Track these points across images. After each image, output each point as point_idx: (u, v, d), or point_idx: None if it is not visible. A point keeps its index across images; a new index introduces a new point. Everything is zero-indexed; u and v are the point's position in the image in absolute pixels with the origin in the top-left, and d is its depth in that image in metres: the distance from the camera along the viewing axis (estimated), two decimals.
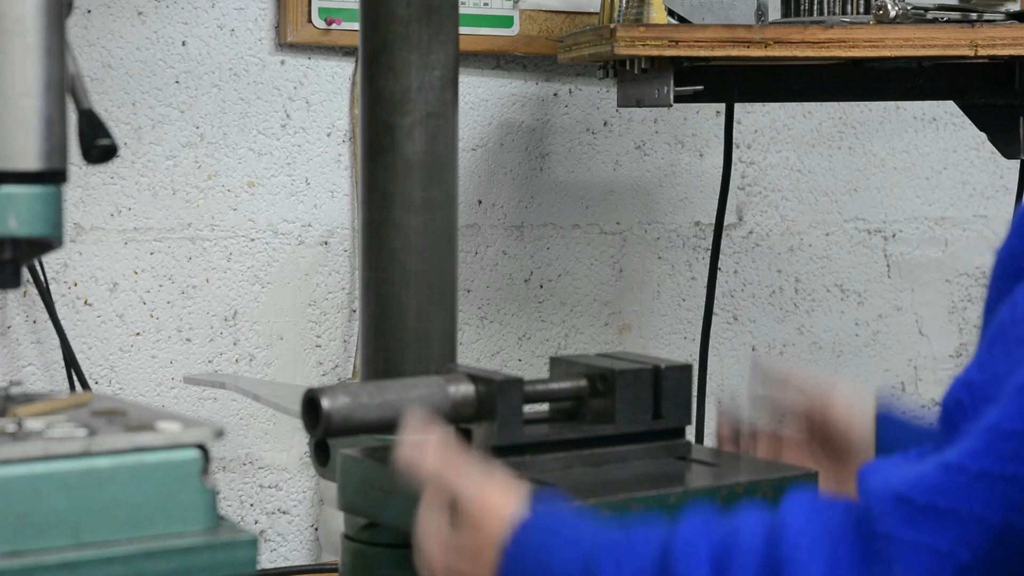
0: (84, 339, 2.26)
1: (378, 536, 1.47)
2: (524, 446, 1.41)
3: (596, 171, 2.58)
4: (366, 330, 1.52)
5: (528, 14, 2.45)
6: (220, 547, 1.19)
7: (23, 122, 1.22)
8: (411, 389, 1.35)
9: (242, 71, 2.33)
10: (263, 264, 2.36)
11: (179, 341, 2.32)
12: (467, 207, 2.48)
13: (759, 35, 2.05)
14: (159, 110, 2.29)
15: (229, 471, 2.36)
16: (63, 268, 2.24)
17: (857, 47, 2.07)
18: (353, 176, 2.40)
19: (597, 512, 1.24)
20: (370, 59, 1.49)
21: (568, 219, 2.56)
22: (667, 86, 2.07)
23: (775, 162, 2.70)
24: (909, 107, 2.76)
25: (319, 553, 2.40)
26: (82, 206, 2.25)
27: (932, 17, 2.12)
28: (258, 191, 2.36)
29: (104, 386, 2.27)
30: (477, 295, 2.50)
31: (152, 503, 1.18)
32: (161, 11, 2.28)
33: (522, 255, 2.54)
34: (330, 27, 2.33)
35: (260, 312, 2.36)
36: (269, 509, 2.39)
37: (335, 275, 2.41)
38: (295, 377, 2.39)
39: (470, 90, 2.46)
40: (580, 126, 2.56)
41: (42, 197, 1.24)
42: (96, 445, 1.17)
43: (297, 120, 2.37)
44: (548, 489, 1.26)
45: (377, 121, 1.49)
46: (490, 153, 2.50)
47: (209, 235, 2.33)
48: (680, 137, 2.64)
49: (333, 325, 2.41)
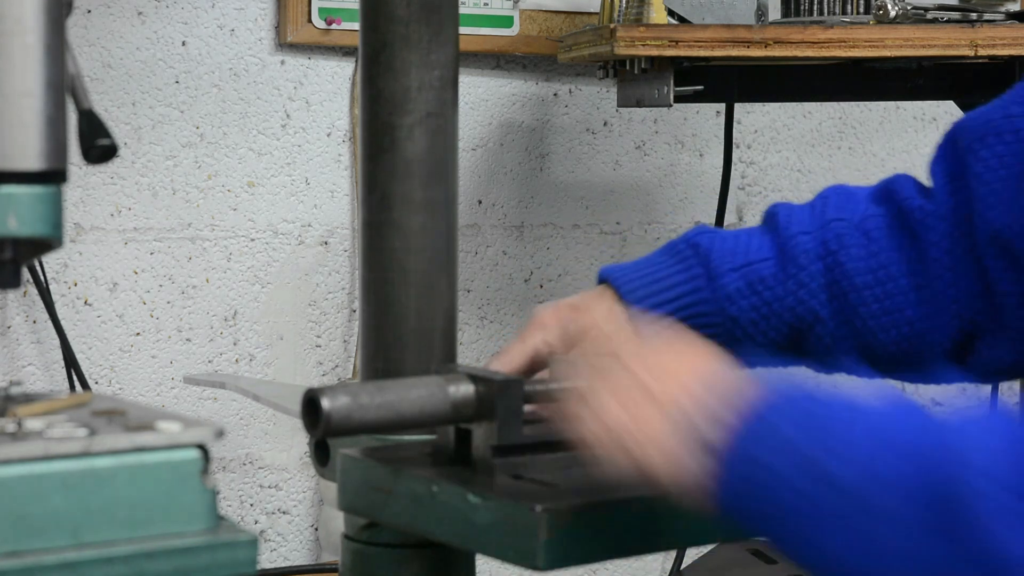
0: (84, 339, 2.26)
1: (378, 536, 1.47)
2: (524, 446, 1.41)
3: (596, 171, 2.58)
4: (366, 330, 1.52)
5: (528, 14, 2.45)
6: (220, 547, 1.19)
7: (23, 122, 1.22)
8: (411, 389, 1.35)
9: (242, 71, 2.33)
10: (263, 264, 2.36)
11: (179, 341, 2.32)
12: (467, 207, 2.48)
13: (759, 35, 2.05)
14: (159, 110, 2.29)
15: (229, 471, 2.36)
16: (63, 268, 2.24)
17: (857, 47, 2.07)
18: (353, 176, 2.40)
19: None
20: (370, 59, 1.49)
21: (568, 219, 2.56)
22: (667, 86, 2.07)
23: (775, 162, 2.70)
24: (909, 107, 2.76)
25: (319, 553, 2.40)
26: (82, 206, 2.25)
27: (932, 17, 2.12)
28: (258, 191, 2.36)
29: (104, 386, 2.27)
30: (477, 295, 2.50)
31: (152, 503, 1.18)
32: (161, 11, 2.28)
33: (522, 255, 2.54)
34: (330, 27, 2.33)
35: (260, 312, 2.36)
36: (269, 509, 2.39)
37: (335, 275, 2.41)
38: (295, 377, 2.39)
39: (470, 90, 2.46)
40: (580, 126, 2.56)
41: (42, 197, 1.24)
42: (96, 445, 1.17)
43: (297, 120, 2.37)
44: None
45: (377, 121, 1.48)
46: (490, 153, 2.50)
47: (209, 235, 2.33)
48: (680, 137, 2.64)
49: (333, 325, 2.41)
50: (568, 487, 1.30)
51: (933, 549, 1.03)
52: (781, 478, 1.09)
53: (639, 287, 1.52)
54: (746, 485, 1.11)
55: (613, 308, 1.51)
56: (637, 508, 1.26)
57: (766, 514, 1.11)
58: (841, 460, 1.07)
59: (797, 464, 1.09)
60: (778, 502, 1.09)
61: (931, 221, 1.49)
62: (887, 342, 1.51)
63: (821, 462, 1.08)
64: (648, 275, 1.53)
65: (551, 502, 1.22)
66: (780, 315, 1.52)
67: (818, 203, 1.56)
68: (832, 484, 1.07)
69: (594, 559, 1.26)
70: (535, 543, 1.21)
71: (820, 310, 1.51)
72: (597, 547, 1.25)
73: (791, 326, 1.52)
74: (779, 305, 1.51)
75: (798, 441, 1.09)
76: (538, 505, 1.21)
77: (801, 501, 1.08)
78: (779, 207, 1.57)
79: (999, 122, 1.47)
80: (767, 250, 1.53)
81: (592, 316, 1.50)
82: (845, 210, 1.54)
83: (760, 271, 1.52)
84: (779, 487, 1.09)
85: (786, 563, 2.07)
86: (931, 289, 1.49)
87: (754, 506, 1.11)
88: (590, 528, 1.24)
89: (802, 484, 1.08)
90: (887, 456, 1.06)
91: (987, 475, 1.01)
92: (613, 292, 1.52)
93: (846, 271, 1.51)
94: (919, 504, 1.04)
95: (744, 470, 1.11)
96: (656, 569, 2.64)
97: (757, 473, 1.10)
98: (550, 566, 1.21)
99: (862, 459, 1.07)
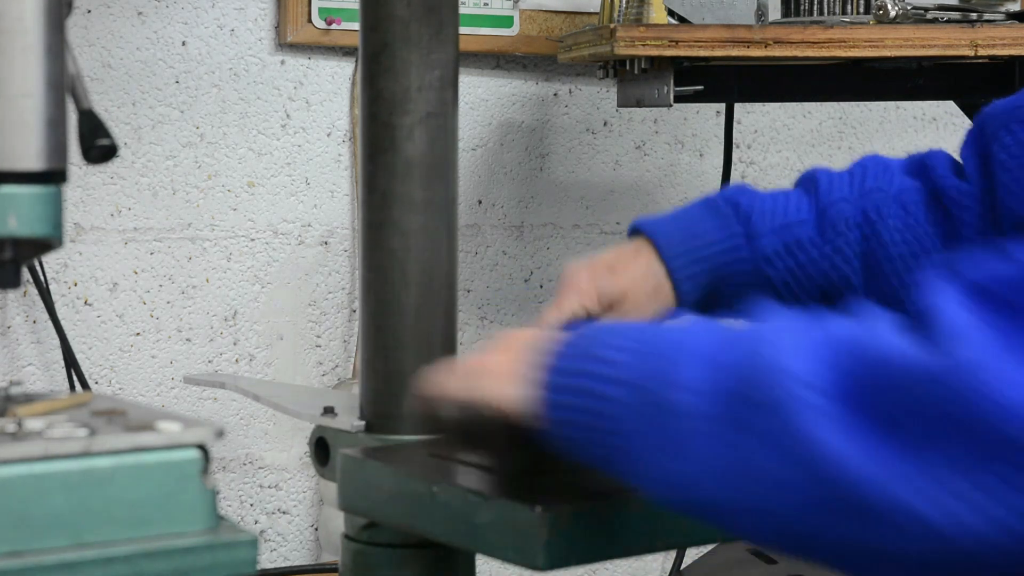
0: (84, 339, 2.26)
1: (378, 536, 1.47)
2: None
3: (596, 171, 2.58)
4: (366, 330, 1.52)
5: (528, 14, 2.45)
6: (220, 547, 1.19)
7: (23, 122, 1.22)
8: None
9: (242, 71, 2.33)
10: (263, 264, 2.36)
11: (179, 341, 2.32)
12: (467, 207, 2.48)
13: (759, 35, 2.05)
14: (159, 110, 2.29)
15: (229, 471, 2.36)
16: (63, 268, 2.24)
17: (857, 47, 2.07)
18: (353, 176, 2.40)
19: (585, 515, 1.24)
20: (370, 59, 1.49)
21: (568, 219, 2.56)
22: (667, 86, 2.07)
23: (775, 162, 2.70)
24: (909, 107, 2.76)
25: (319, 553, 2.40)
26: (82, 206, 2.25)
27: (932, 17, 2.12)
28: (258, 191, 2.36)
29: (104, 386, 2.27)
30: (477, 295, 2.50)
31: (152, 503, 1.18)
32: (161, 11, 2.28)
33: (522, 255, 2.54)
34: (330, 27, 2.33)
35: (260, 312, 2.36)
36: (269, 509, 2.39)
37: (335, 275, 2.41)
38: (295, 377, 2.39)
39: (470, 90, 2.46)
40: (580, 126, 2.56)
41: (42, 197, 1.24)
42: (96, 445, 1.17)
43: (297, 120, 2.37)
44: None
45: (377, 121, 1.48)
46: (490, 153, 2.50)
47: (209, 235, 2.33)
48: (680, 137, 2.64)
49: (333, 325, 2.41)
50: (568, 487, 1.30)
51: (741, 447, 1.03)
52: (592, 393, 1.12)
53: (678, 243, 1.51)
54: (564, 406, 1.14)
55: (651, 266, 1.50)
56: (637, 508, 1.26)
57: (587, 427, 1.13)
58: (648, 371, 1.10)
59: (609, 377, 1.11)
60: (593, 414, 1.12)
61: (967, 202, 1.50)
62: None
63: (623, 368, 1.11)
64: (687, 230, 1.52)
65: (551, 502, 1.22)
66: (813, 278, 1.52)
67: (857, 171, 1.56)
68: (637, 389, 1.09)
69: (594, 559, 1.26)
70: (535, 543, 1.21)
71: (853, 277, 1.52)
72: (597, 547, 1.25)
73: (822, 290, 1.53)
74: (814, 268, 1.52)
75: (608, 355, 1.12)
76: (538, 505, 1.21)
77: (609, 406, 1.11)
78: (819, 171, 1.57)
79: (1022, 109, 1.47)
80: (805, 212, 1.53)
81: (630, 276, 1.49)
82: (883, 180, 1.55)
83: (798, 234, 1.52)
84: (591, 401, 1.12)
85: (786, 563, 2.07)
86: None
87: (576, 424, 1.14)
88: (590, 528, 1.23)
89: (611, 391, 1.10)
90: (692, 363, 1.07)
91: (792, 375, 1.01)
92: (651, 247, 1.51)
93: (883, 241, 1.51)
94: (723, 403, 1.04)
95: (562, 388, 1.14)
96: (656, 569, 2.64)
97: (573, 390, 1.13)
98: (550, 566, 1.21)
99: (668, 368, 1.08)
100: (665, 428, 1.07)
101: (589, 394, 1.12)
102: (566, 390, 1.14)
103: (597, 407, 1.11)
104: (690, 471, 1.06)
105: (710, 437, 1.04)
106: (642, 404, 1.09)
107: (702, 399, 1.05)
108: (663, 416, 1.07)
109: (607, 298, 1.47)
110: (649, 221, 1.54)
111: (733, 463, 1.03)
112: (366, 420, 1.50)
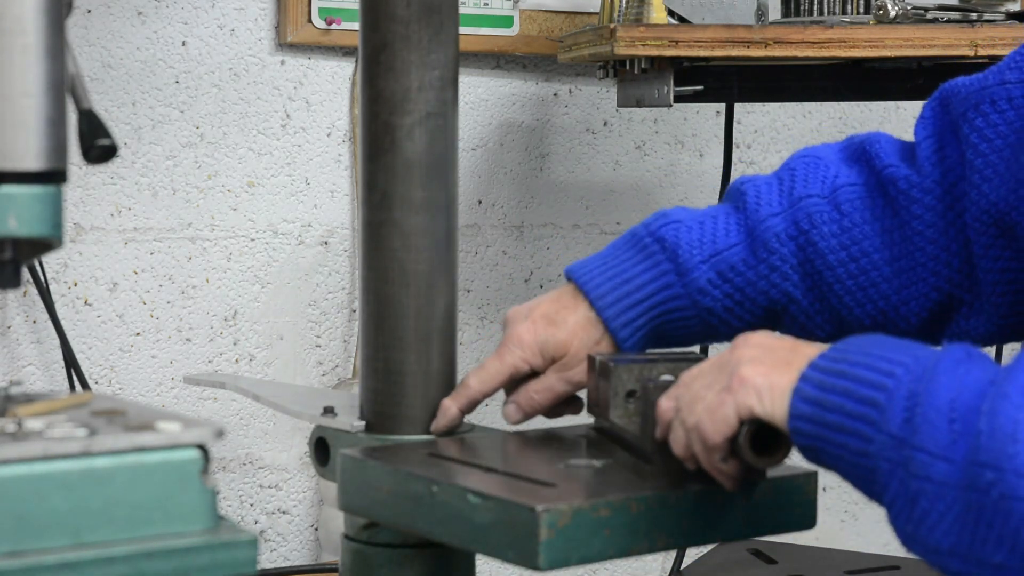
0: (84, 339, 2.26)
1: (378, 536, 1.47)
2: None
3: (596, 171, 2.58)
4: (366, 330, 1.52)
5: (528, 14, 2.45)
6: (220, 547, 1.19)
7: (23, 122, 1.22)
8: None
9: (242, 71, 2.33)
10: (263, 264, 2.36)
11: (179, 341, 2.32)
12: (467, 207, 2.48)
13: (759, 35, 2.05)
14: (159, 110, 2.29)
15: (229, 471, 2.36)
16: (63, 268, 2.24)
17: (857, 47, 2.07)
18: (353, 176, 2.40)
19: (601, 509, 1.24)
20: (370, 59, 1.49)
21: (568, 219, 2.56)
22: (667, 86, 2.07)
23: (775, 162, 2.70)
24: (909, 107, 2.76)
25: (319, 553, 2.40)
26: (82, 206, 2.25)
27: (932, 17, 2.12)
28: (258, 191, 2.36)
29: (104, 386, 2.27)
30: (477, 295, 2.50)
31: (152, 503, 1.18)
32: (161, 11, 2.28)
33: (522, 255, 2.54)
34: (330, 27, 2.33)
35: (260, 312, 2.36)
36: (269, 509, 2.39)
37: (335, 275, 2.41)
38: (295, 377, 2.39)
39: (470, 90, 2.46)
40: (580, 126, 2.56)
41: (42, 197, 1.24)
42: (96, 445, 1.17)
43: (297, 120, 2.37)
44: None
45: (377, 121, 1.48)
46: (490, 153, 2.50)
47: (209, 235, 2.33)
48: (680, 137, 2.64)
49: (333, 325, 2.41)
50: (568, 487, 1.30)
51: (966, 525, 1.06)
52: (840, 413, 1.15)
53: (608, 291, 1.51)
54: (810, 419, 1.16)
55: (587, 316, 1.51)
56: (637, 508, 1.26)
57: (828, 448, 1.16)
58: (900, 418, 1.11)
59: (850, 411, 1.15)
60: (837, 443, 1.15)
61: (916, 193, 1.48)
62: (862, 316, 1.51)
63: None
64: (616, 276, 1.52)
65: (551, 502, 1.22)
66: (754, 299, 1.51)
67: (785, 177, 1.54)
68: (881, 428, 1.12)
69: (594, 559, 1.26)
70: (535, 543, 1.21)
71: (793, 291, 1.51)
72: (597, 547, 1.25)
73: (765, 309, 1.52)
74: (752, 290, 1.51)
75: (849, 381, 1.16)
76: (538, 505, 1.21)
77: (855, 441, 1.14)
78: (745, 184, 1.55)
79: (994, 89, 1.45)
80: (735, 235, 1.52)
81: (570, 329, 1.50)
82: (814, 183, 1.52)
83: (730, 259, 1.51)
84: (836, 430, 1.15)
85: (786, 563, 2.07)
86: (909, 260, 1.48)
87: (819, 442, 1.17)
88: (590, 528, 1.24)
89: (859, 427, 1.14)
90: (939, 423, 1.09)
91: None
92: (584, 296, 1.52)
93: (819, 250, 1.50)
94: (960, 480, 1.06)
95: (809, 399, 1.17)
96: (656, 569, 2.64)
97: (818, 405, 1.16)
98: (550, 566, 1.21)
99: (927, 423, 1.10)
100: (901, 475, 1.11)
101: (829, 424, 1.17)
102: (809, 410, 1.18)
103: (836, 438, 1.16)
104: (919, 529, 1.11)
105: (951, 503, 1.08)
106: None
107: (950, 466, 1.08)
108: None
109: (550, 352, 1.49)
110: (579, 269, 1.54)
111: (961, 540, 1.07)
112: (366, 420, 1.50)
